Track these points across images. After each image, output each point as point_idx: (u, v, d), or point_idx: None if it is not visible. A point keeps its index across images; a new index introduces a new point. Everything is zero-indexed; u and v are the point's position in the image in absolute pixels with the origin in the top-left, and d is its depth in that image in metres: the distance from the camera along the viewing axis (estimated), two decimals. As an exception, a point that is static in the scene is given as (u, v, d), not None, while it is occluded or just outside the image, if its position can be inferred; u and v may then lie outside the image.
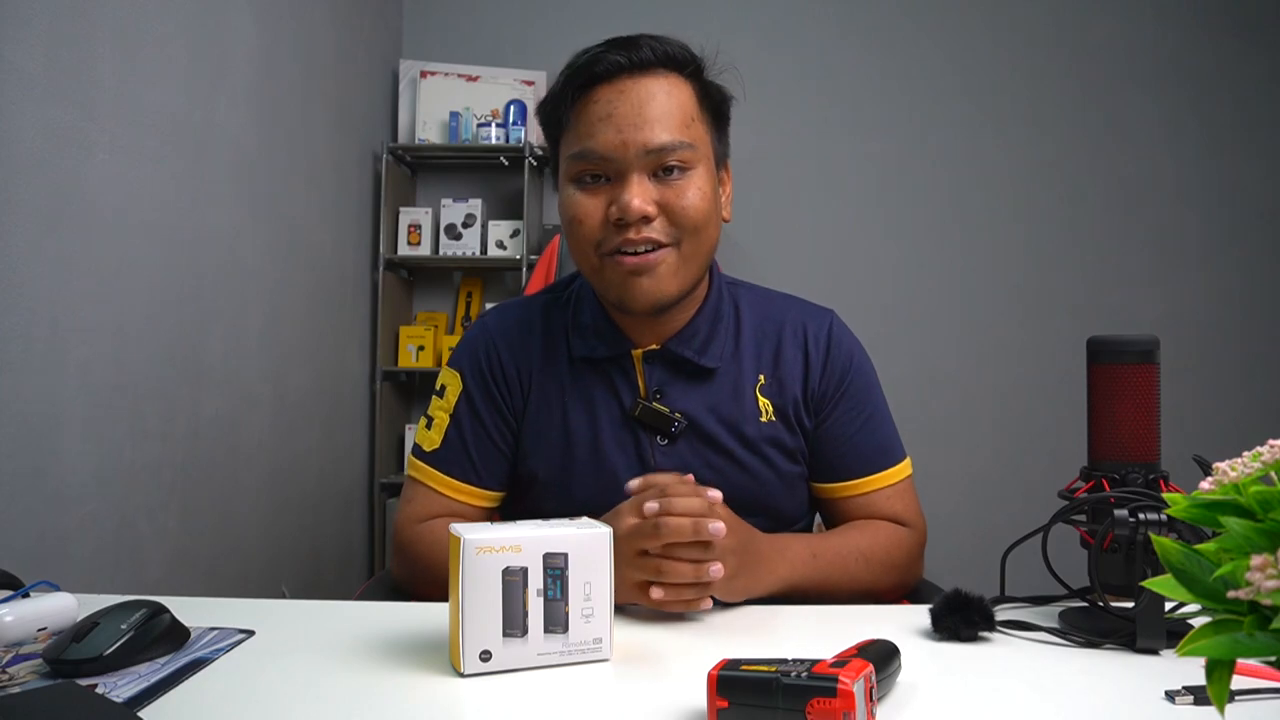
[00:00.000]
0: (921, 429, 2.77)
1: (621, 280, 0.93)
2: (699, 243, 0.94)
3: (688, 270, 0.94)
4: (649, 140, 0.90)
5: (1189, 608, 0.38)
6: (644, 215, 0.90)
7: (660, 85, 0.92)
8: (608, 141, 0.90)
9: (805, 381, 1.03)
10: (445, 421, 1.02)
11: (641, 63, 0.91)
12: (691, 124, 0.93)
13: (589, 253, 0.94)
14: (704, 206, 0.93)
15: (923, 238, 3.00)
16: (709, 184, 0.94)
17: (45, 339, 1.39)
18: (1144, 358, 0.78)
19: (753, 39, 2.98)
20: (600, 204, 0.92)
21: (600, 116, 0.91)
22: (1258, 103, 2.98)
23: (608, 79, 0.92)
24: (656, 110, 0.90)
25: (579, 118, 0.93)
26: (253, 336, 2.06)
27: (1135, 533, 0.73)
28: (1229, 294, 2.97)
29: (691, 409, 0.98)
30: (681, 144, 0.91)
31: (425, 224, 2.87)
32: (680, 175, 0.92)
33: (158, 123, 1.67)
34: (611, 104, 0.91)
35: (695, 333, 1.00)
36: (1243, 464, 0.36)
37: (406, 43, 3.06)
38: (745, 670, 0.55)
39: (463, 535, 0.66)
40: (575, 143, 0.93)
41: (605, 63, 0.91)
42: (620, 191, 0.91)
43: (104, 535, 1.53)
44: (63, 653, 0.66)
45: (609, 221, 0.92)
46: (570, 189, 0.94)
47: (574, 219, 0.93)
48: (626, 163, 0.90)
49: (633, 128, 0.90)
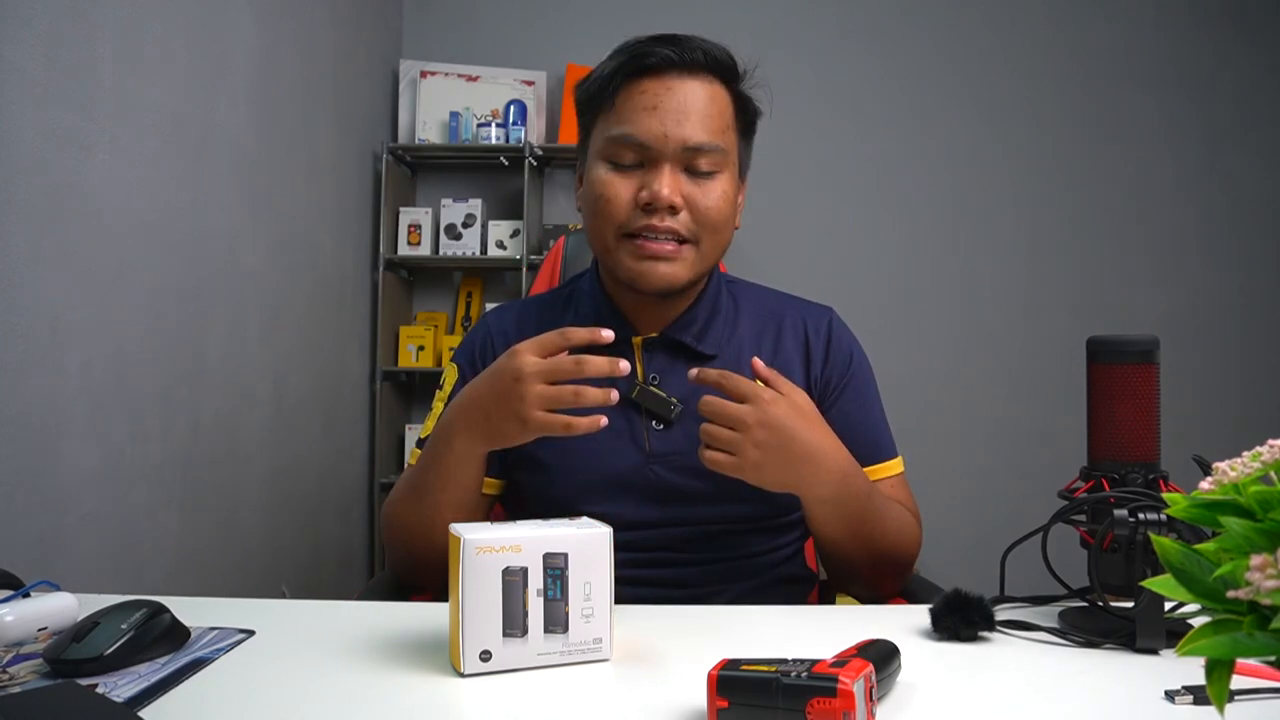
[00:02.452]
0: (921, 428, 2.78)
1: (637, 262, 0.95)
2: (716, 243, 0.98)
3: (701, 265, 0.98)
4: (689, 137, 0.93)
5: (1189, 608, 0.38)
6: (672, 205, 0.93)
7: (705, 89, 0.96)
8: (650, 130, 0.93)
9: (806, 373, 1.04)
10: (440, 410, 1.04)
11: (691, 63, 0.95)
12: (726, 130, 0.97)
13: (608, 232, 0.97)
14: (726, 209, 0.97)
15: (922, 237, 3.00)
16: (732, 189, 0.98)
17: (45, 339, 1.39)
18: (1144, 358, 0.78)
19: (753, 39, 2.98)
20: (631, 186, 0.95)
21: (646, 106, 0.94)
22: (1257, 102, 2.98)
23: (657, 72, 0.95)
24: (700, 111, 0.94)
25: (623, 103, 0.96)
26: (253, 336, 2.06)
27: (1135, 533, 0.73)
28: (1229, 294, 2.97)
29: (689, 394, 0.99)
30: (716, 147, 0.95)
31: (425, 224, 2.87)
32: (709, 177, 0.96)
33: (158, 123, 1.67)
34: (658, 96, 0.94)
35: (694, 320, 1.02)
36: (1243, 464, 0.36)
37: (406, 43, 3.06)
38: (745, 670, 0.55)
39: (463, 535, 0.66)
40: (615, 125, 0.95)
41: (658, 56, 0.94)
42: (653, 178, 0.94)
43: (104, 535, 1.53)
44: (63, 653, 0.66)
45: (637, 205, 0.94)
46: (602, 168, 0.97)
47: (603, 196, 0.96)
48: (664, 154, 0.94)
49: (675, 123, 0.93)
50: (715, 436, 0.86)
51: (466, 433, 0.88)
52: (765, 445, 0.85)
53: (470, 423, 0.87)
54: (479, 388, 0.88)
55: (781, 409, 0.86)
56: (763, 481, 0.87)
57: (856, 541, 0.95)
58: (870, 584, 1.01)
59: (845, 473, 0.91)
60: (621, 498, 0.97)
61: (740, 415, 0.85)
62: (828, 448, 0.89)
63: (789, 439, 0.86)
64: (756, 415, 0.85)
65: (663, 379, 1.01)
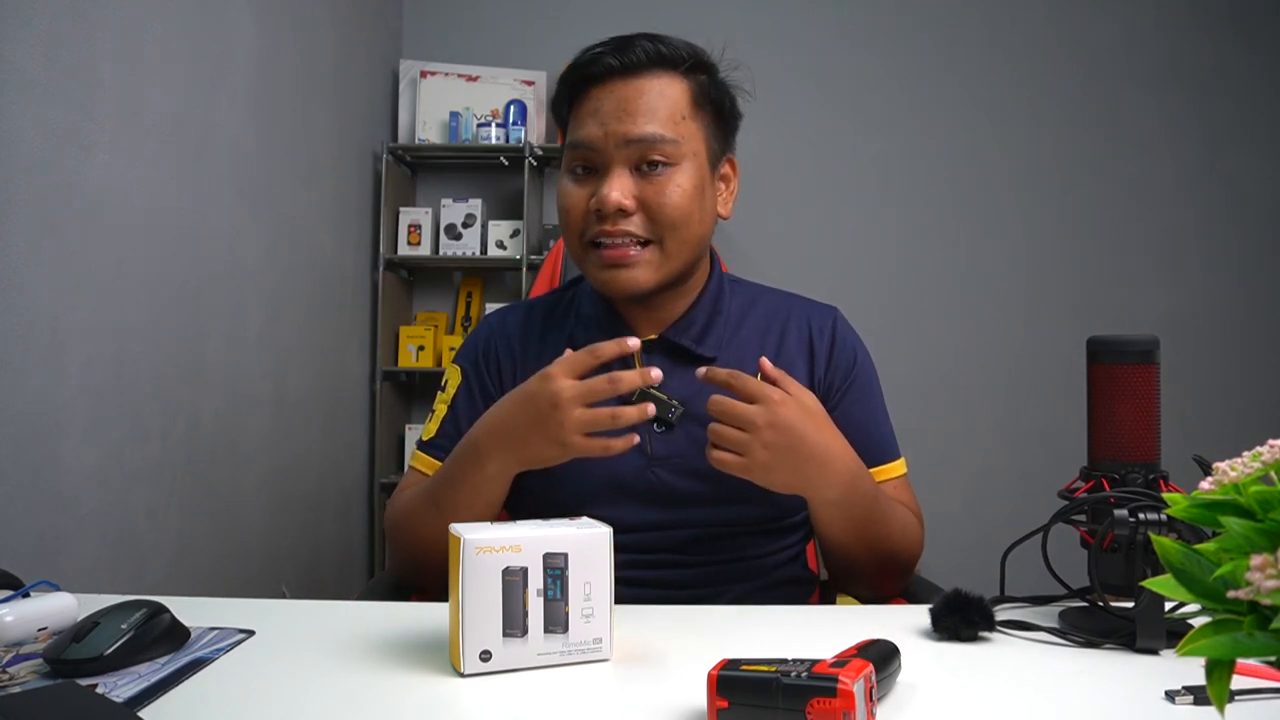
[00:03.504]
0: (922, 428, 2.78)
1: (601, 271, 0.96)
2: (680, 239, 0.96)
3: (670, 265, 0.97)
4: (629, 131, 0.93)
5: (1189, 608, 0.38)
6: (620, 208, 0.93)
7: (651, 84, 0.95)
8: (591, 133, 0.95)
9: (810, 374, 1.04)
10: (443, 413, 1.05)
11: (633, 64, 0.95)
12: (681, 121, 0.95)
13: (574, 242, 0.98)
14: (684, 204, 0.95)
15: (922, 237, 3.00)
16: (693, 181, 0.95)
17: (45, 339, 1.39)
18: (1144, 358, 0.78)
19: (752, 39, 2.98)
20: (585, 194, 0.96)
21: (590, 112, 0.96)
22: (1257, 102, 2.98)
23: (599, 80, 0.95)
24: (642, 106, 0.94)
25: (574, 114, 0.98)
26: (253, 336, 2.06)
27: (1135, 533, 0.73)
28: (1229, 294, 2.97)
29: (689, 397, 0.99)
30: (663, 138, 0.93)
31: (425, 224, 2.87)
32: (662, 171, 0.94)
33: (158, 123, 1.67)
34: (600, 101, 0.95)
35: (693, 323, 1.02)
36: (1243, 464, 0.36)
37: (406, 43, 3.06)
38: (745, 670, 0.55)
39: (463, 535, 0.66)
40: (569, 136, 0.98)
41: (599, 65, 0.95)
42: (601, 183, 0.94)
43: (104, 535, 1.53)
44: (63, 653, 0.66)
45: (590, 211, 0.95)
46: (564, 180, 0.99)
47: (562, 208, 0.99)
48: (608, 154, 0.94)
49: (615, 120, 0.94)
50: (724, 437, 0.85)
51: (501, 455, 0.88)
52: (774, 446, 0.85)
53: (505, 446, 0.87)
54: (512, 412, 0.87)
55: (791, 410, 0.85)
56: (771, 483, 0.87)
57: (862, 543, 0.95)
58: (873, 585, 1.00)
59: (853, 475, 0.90)
60: (623, 501, 0.97)
61: (750, 416, 0.84)
62: (836, 450, 0.89)
63: (798, 440, 0.85)
64: (766, 416, 0.84)
65: (663, 381, 1.01)
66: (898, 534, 0.97)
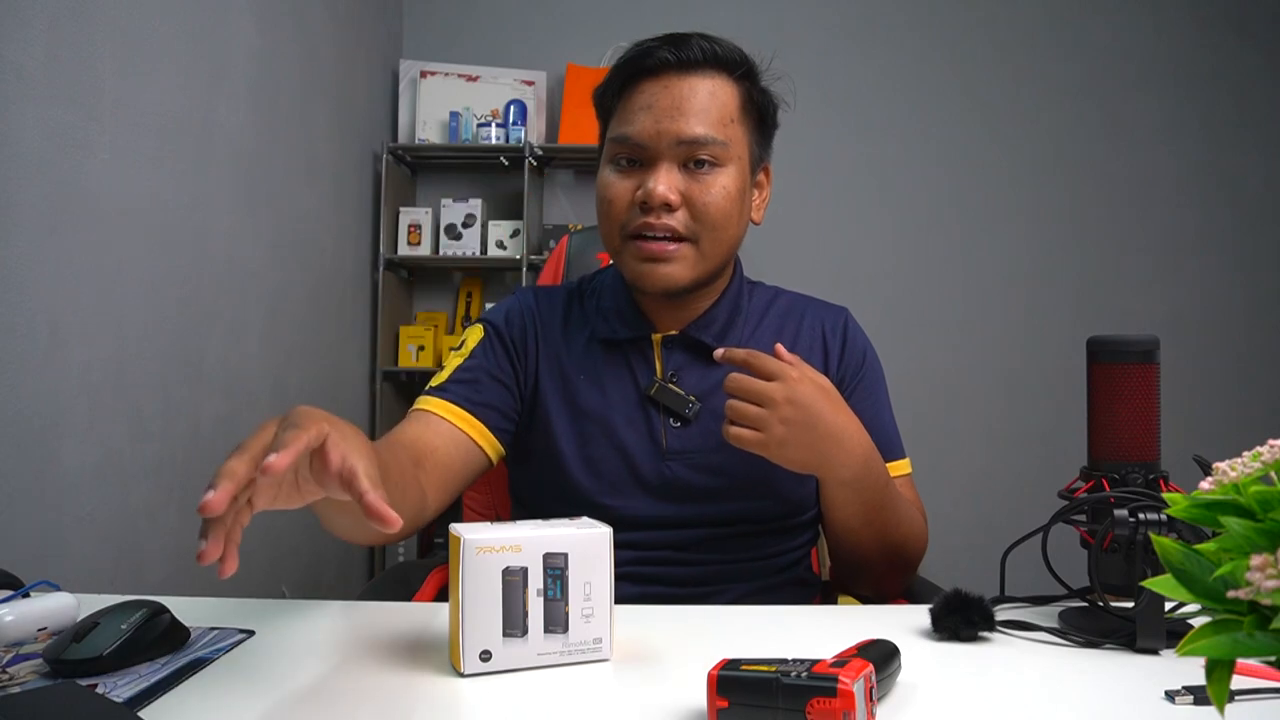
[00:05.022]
0: (922, 428, 2.78)
1: (638, 263, 0.96)
2: (718, 240, 0.96)
3: (705, 264, 0.97)
4: (682, 131, 0.93)
5: (1189, 608, 0.38)
6: (666, 202, 0.93)
7: (704, 84, 0.95)
8: (643, 129, 0.94)
9: (823, 369, 1.04)
10: (456, 364, 1.01)
11: (689, 61, 0.95)
12: (729, 124, 0.96)
13: (613, 234, 0.98)
14: (726, 205, 0.95)
15: (923, 238, 3.00)
16: (736, 184, 0.96)
17: (45, 339, 1.39)
18: (1144, 358, 0.78)
19: (752, 39, 2.97)
20: (630, 187, 0.96)
21: (642, 106, 0.95)
22: (1257, 102, 2.98)
23: (654, 74, 0.95)
24: (695, 106, 0.94)
25: (623, 106, 0.97)
26: (253, 336, 2.06)
27: (1135, 533, 0.73)
28: (1229, 294, 2.97)
29: (707, 393, 1.00)
30: (713, 140, 0.94)
31: (425, 224, 2.87)
32: (709, 171, 0.95)
33: (158, 123, 1.67)
34: (654, 95, 0.95)
35: (714, 320, 1.03)
36: (1243, 464, 0.36)
37: (406, 43, 3.06)
38: (745, 670, 0.55)
39: (463, 535, 0.66)
40: (616, 128, 0.97)
41: (654, 58, 0.95)
42: (649, 176, 0.94)
43: (104, 535, 1.52)
44: (63, 653, 0.66)
45: (635, 204, 0.95)
46: (606, 170, 0.98)
47: (605, 199, 0.98)
48: (658, 151, 0.94)
49: (669, 119, 0.93)
50: (741, 412, 0.86)
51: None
52: (791, 422, 0.85)
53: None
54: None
55: (808, 388, 0.86)
56: (786, 459, 0.87)
57: (871, 530, 0.95)
58: (879, 578, 1.01)
59: (867, 456, 0.91)
60: (638, 494, 0.98)
61: (768, 391, 0.85)
62: (851, 430, 0.90)
63: (815, 417, 0.86)
64: (785, 392, 0.85)
65: (681, 377, 1.01)
66: (906, 525, 0.98)
